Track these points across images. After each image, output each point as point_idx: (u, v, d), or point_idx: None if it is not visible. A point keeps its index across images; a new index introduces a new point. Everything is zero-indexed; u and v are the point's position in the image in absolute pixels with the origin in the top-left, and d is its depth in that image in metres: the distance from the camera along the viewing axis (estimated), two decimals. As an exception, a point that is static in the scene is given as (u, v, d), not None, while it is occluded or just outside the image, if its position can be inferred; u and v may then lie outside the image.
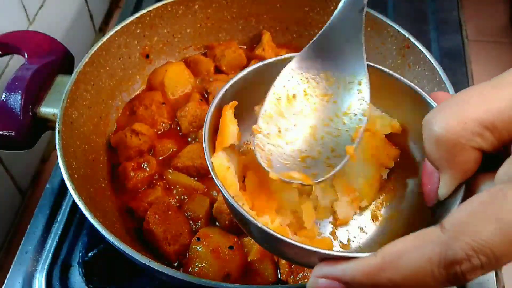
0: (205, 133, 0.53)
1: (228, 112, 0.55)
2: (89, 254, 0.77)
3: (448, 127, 0.36)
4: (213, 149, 0.53)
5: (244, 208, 0.48)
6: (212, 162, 0.52)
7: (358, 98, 0.55)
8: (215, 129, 0.55)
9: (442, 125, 0.37)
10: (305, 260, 0.43)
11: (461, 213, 0.32)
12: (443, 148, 0.37)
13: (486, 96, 0.36)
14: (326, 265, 0.38)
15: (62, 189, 0.88)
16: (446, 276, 0.32)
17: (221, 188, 0.49)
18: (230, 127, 0.53)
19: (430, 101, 0.52)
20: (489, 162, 0.38)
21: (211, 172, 0.51)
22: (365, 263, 0.35)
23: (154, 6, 0.92)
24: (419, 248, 0.33)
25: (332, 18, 0.57)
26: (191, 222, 0.76)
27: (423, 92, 0.53)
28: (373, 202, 0.58)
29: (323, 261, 0.39)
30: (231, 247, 0.71)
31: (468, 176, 0.38)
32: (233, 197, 0.49)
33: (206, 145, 0.52)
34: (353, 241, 0.56)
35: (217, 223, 0.76)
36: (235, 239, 0.73)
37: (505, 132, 0.35)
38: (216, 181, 0.50)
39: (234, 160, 0.55)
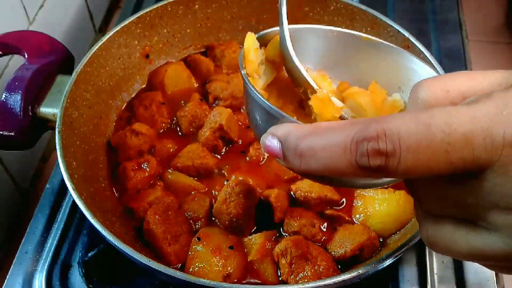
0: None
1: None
2: (89, 254, 0.77)
3: (431, 93, 0.37)
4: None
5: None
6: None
7: None
8: None
9: (426, 90, 0.38)
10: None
11: (394, 114, 0.35)
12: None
13: (473, 75, 0.38)
14: (279, 125, 0.41)
15: (62, 189, 0.88)
16: (355, 152, 0.34)
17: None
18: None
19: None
20: None
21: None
22: (301, 127, 0.38)
23: (154, 6, 0.92)
24: (346, 125, 0.36)
25: None
26: (191, 222, 0.76)
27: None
28: None
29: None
30: (231, 247, 0.71)
31: None
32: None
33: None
34: None
35: (217, 222, 0.76)
36: (235, 239, 0.73)
37: None
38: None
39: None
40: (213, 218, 0.77)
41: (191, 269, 0.70)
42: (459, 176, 0.34)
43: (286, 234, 0.75)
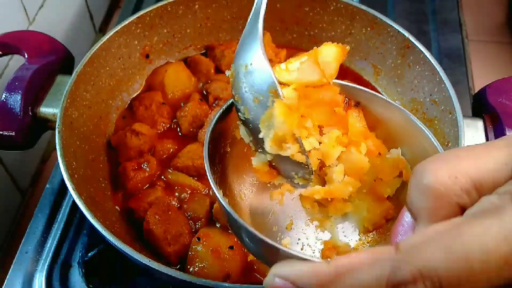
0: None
1: None
2: (89, 254, 0.77)
3: (438, 179, 0.36)
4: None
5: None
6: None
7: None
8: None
9: (432, 175, 0.36)
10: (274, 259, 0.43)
11: (416, 238, 0.33)
12: (429, 199, 0.36)
13: (478, 155, 0.36)
14: (284, 264, 0.39)
15: (62, 189, 0.88)
16: None
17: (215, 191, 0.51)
18: None
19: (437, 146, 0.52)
20: None
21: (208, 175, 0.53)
22: (319, 270, 0.36)
23: (154, 6, 0.92)
24: (370, 265, 0.34)
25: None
26: (191, 222, 0.76)
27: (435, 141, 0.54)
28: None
29: (284, 260, 0.39)
30: (231, 247, 0.71)
31: None
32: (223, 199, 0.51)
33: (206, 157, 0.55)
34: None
35: (217, 223, 0.76)
36: (235, 239, 0.73)
37: (488, 192, 0.35)
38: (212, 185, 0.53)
39: None
40: (213, 219, 0.77)
41: (191, 269, 0.70)
42: None
43: (286, 234, 0.75)
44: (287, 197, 0.62)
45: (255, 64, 0.55)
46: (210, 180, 0.54)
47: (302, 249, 0.58)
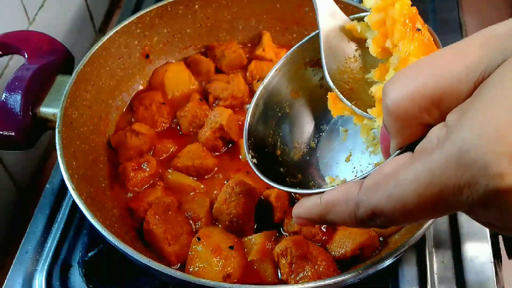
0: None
1: None
2: (89, 254, 0.77)
3: (398, 102, 0.38)
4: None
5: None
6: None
7: None
8: None
9: (393, 98, 0.38)
10: None
11: (371, 180, 0.41)
12: (393, 120, 0.39)
13: (443, 64, 0.37)
14: (297, 205, 0.51)
15: (62, 189, 0.88)
16: (364, 225, 0.43)
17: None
18: None
19: None
20: None
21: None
22: (316, 206, 0.48)
23: (154, 6, 0.92)
24: (343, 203, 0.44)
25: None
26: (191, 222, 0.76)
27: None
28: None
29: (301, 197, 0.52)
30: (231, 247, 0.71)
31: (412, 141, 0.41)
32: None
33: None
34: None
35: (217, 223, 0.76)
36: (235, 239, 0.73)
37: (453, 106, 0.36)
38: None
39: None
40: (214, 222, 0.77)
41: (191, 269, 0.70)
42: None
43: (286, 234, 0.75)
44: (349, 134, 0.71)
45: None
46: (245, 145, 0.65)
47: (356, 175, 0.66)
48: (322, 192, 0.48)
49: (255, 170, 0.62)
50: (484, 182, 0.31)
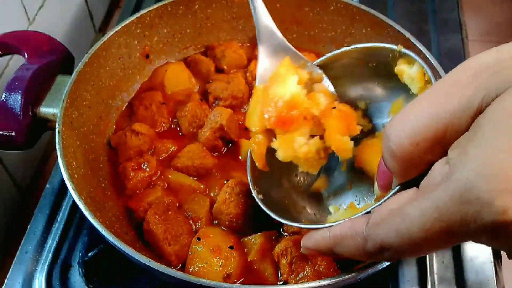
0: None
1: None
2: (89, 254, 0.77)
3: (402, 147, 0.40)
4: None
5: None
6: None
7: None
8: None
9: (396, 142, 0.40)
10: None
11: (378, 215, 0.43)
12: (398, 163, 0.42)
13: (439, 105, 0.39)
14: (305, 237, 0.55)
15: (62, 189, 0.88)
16: (372, 259, 0.46)
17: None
18: None
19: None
20: None
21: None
22: (324, 239, 0.50)
23: (154, 6, 0.92)
24: (350, 238, 0.46)
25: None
26: (191, 222, 0.76)
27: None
28: None
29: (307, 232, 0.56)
30: (231, 247, 0.71)
31: (414, 177, 0.43)
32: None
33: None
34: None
35: (217, 223, 0.76)
36: (235, 239, 0.73)
37: (453, 140, 0.38)
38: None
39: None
40: (214, 222, 0.77)
41: (191, 269, 0.70)
42: None
43: (286, 234, 0.75)
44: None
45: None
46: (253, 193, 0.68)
47: (358, 203, 0.69)
48: (330, 226, 0.51)
49: (262, 206, 0.65)
50: (488, 217, 0.34)
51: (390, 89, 0.69)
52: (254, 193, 0.67)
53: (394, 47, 0.63)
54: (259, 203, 0.66)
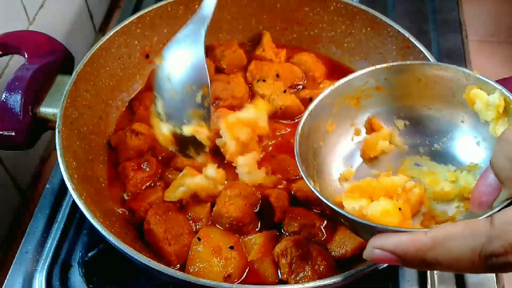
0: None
1: None
2: (89, 254, 0.77)
3: None
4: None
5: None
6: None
7: None
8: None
9: None
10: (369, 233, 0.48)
11: (509, 214, 0.38)
12: None
13: None
14: (382, 236, 0.43)
15: (62, 189, 0.88)
16: (483, 265, 0.38)
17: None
18: None
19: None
20: None
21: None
22: (417, 239, 0.41)
23: (154, 6, 0.92)
24: (466, 237, 0.38)
25: None
26: (191, 222, 0.76)
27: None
28: None
29: (380, 233, 0.44)
30: (231, 247, 0.71)
31: None
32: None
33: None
34: None
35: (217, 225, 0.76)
36: (236, 239, 0.73)
37: None
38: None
39: None
40: (216, 224, 0.77)
41: (191, 269, 0.70)
42: None
43: (286, 234, 0.74)
44: None
45: (195, 63, 0.76)
46: (305, 180, 0.59)
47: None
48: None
49: (324, 200, 0.55)
50: None
51: (440, 113, 0.66)
52: (311, 186, 0.57)
53: (468, 72, 0.61)
54: (320, 196, 0.56)
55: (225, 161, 0.81)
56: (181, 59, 0.75)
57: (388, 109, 0.70)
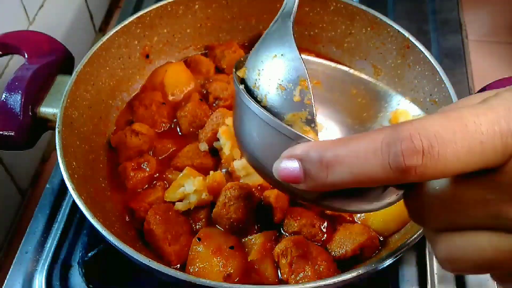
0: None
1: None
2: (89, 254, 0.77)
3: None
4: None
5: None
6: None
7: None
8: None
9: None
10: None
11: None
12: None
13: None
14: (294, 147, 0.38)
15: (62, 189, 0.88)
16: (387, 154, 0.32)
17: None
18: None
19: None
20: None
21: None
22: (320, 142, 0.37)
23: (154, 6, 0.92)
24: (370, 133, 0.34)
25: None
26: (191, 223, 0.76)
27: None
28: None
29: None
30: (231, 247, 0.71)
31: None
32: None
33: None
34: None
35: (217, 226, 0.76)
36: (236, 239, 0.73)
37: None
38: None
39: None
40: (216, 226, 0.77)
41: (191, 269, 0.70)
42: (480, 172, 0.33)
43: (286, 234, 0.75)
44: None
45: (287, 55, 0.58)
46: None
47: None
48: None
49: (245, 95, 0.50)
50: None
51: (362, 126, 0.66)
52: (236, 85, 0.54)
53: (402, 97, 0.61)
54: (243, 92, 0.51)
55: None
56: (272, 62, 0.59)
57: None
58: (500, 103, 0.33)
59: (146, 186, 0.81)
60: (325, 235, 0.74)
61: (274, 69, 0.58)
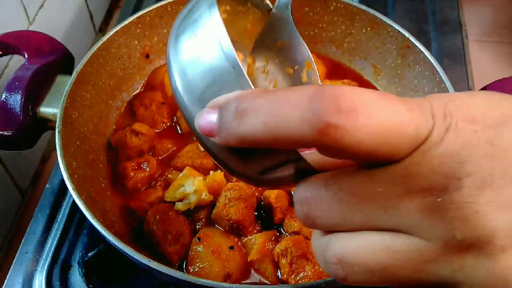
0: None
1: None
2: (89, 254, 0.77)
3: None
4: None
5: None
6: None
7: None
8: None
9: None
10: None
11: None
12: None
13: None
14: (219, 97, 0.34)
15: (62, 189, 0.88)
16: (308, 107, 0.28)
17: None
18: None
19: None
20: None
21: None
22: (247, 90, 0.33)
23: (154, 6, 0.92)
24: (299, 87, 0.30)
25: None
26: (191, 222, 0.76)
27: None
28: None
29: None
30: (231, 247, 0.71)
31: None
32: None
33: None
34: None
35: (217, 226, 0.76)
36: (236, 239, 0.73)
37: None
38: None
39: None
40: (216, 226, 0.77)
41: (191, 269, 0.70)
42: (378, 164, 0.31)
43: (286, 234, 0.75)
44: None
45: (291, 41, 0.66)
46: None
47: None
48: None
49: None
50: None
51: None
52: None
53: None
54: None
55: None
56: (278, 49, 0.64)
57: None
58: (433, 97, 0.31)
59: (146, 186, 0.81)
60: (325, 235, 0.74)
61: (281, 54, 0.64)
